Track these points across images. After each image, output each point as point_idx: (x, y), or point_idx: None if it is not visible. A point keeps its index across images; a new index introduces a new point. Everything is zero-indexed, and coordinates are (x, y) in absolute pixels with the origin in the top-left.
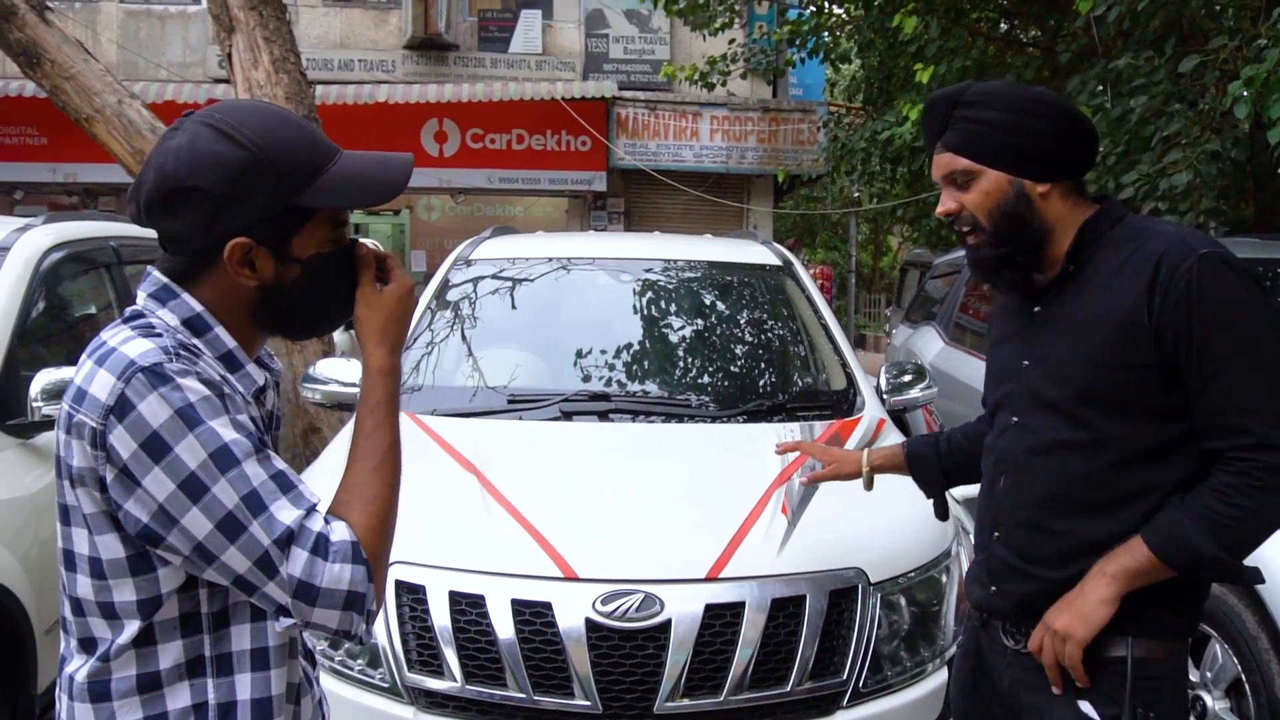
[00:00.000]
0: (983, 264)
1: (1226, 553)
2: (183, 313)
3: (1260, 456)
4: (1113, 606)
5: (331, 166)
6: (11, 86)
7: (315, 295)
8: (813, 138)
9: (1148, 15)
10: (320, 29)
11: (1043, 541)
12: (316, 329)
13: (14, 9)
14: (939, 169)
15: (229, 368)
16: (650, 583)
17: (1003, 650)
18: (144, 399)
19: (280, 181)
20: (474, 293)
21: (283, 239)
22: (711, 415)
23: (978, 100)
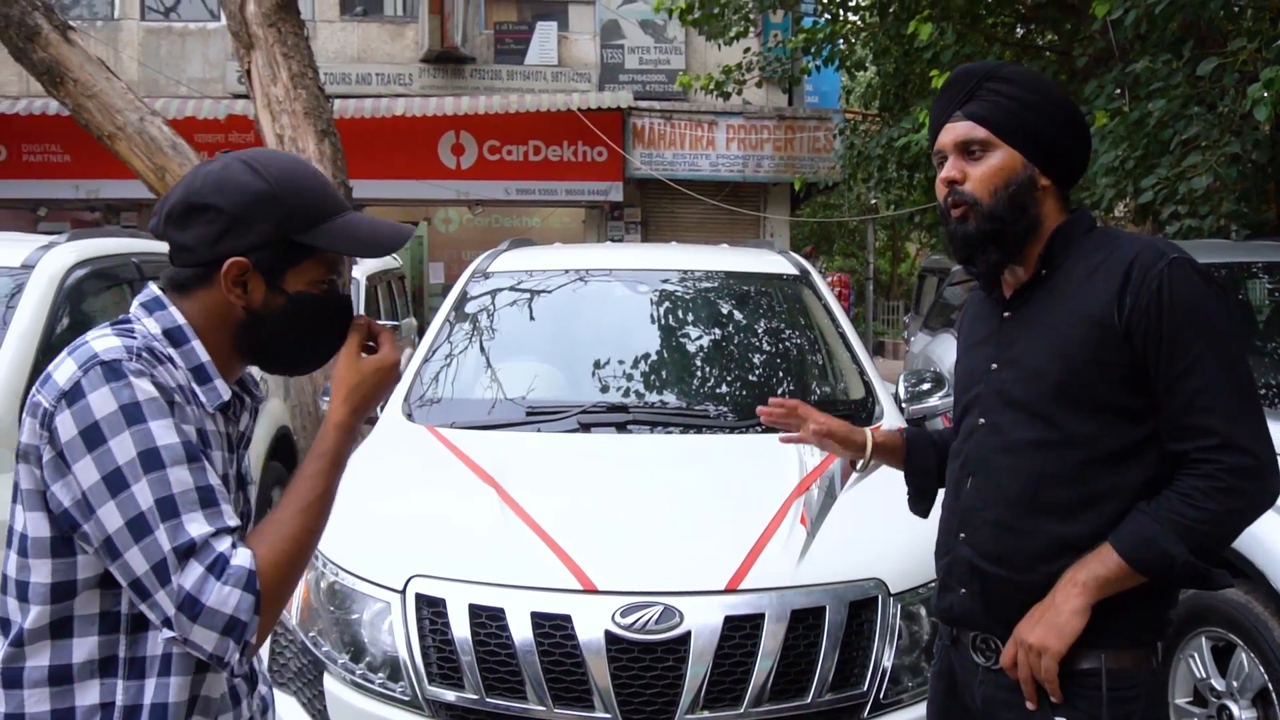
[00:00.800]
0: (969, 239)
1: (1196, 556)
2: (165, 323)
3: (1223, 457)
4: (1085, 616)
5: (338, 217)
6: (35, 105)
7: (294, 330)
8: (829, 145)
9: (1165, 18)
10: (338, 43)
11: (1010, 541)
12: (291, 364)
13: (38, 29)
14: (954, 135)
15: (198, 380)
16: (669, 595)
17: (974, 668)
18: (95, 390)
19: (287, 216)
20: (492, 305)
21: (277, 269)
22: (729, 425)
23: (1012, 78)
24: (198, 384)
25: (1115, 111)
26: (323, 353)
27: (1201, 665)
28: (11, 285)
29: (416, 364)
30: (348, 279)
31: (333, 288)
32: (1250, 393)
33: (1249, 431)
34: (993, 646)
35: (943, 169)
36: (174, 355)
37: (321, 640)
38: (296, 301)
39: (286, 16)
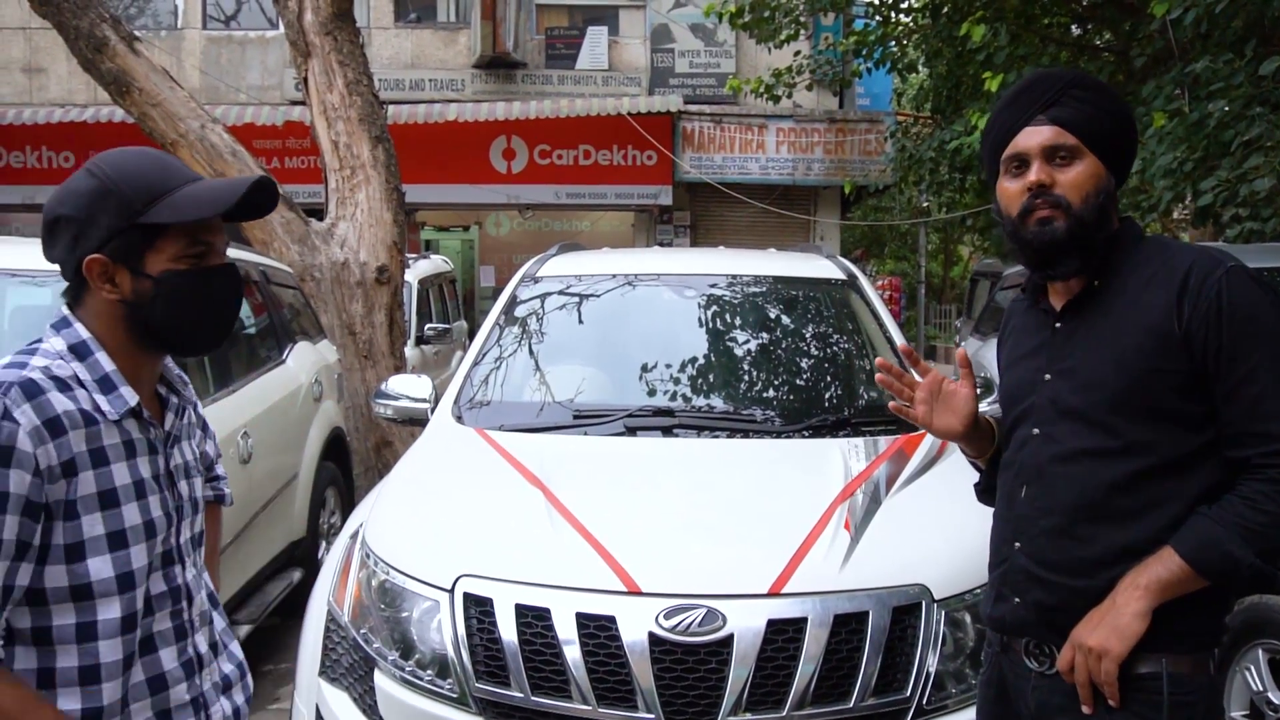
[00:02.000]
0: (1056, 243)
1: (1261, 559)
2: (70, 339)
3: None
4: (1146, 620)
5: (178, 190)
6: (103, 113)
7: (173, 308)
8: (880, 148)
9: (1227, 16)
10: (392, 50)
11: (1067, 548)
12: (190, 342)
13: (105, 40)
14: (1042, 138)
15: (103, 389)
16: (713, 598)
17: (1026, 673)
18: None
19: (124, 202)
20: (541, 309)
21: (135, 256)
22: (775, 430)
23: (1094, 87)
24: (103, 393)
25: (1174, 112)
26: (217, 325)
27: (1258, 678)
28: None
29: (466, 367)
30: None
31: (201, 259)
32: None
33: None
34: (1046, 652)
35: (1017, 173)
36: (78, 370)
37: (372, 637)
38: (163, 281)
39: (342, 25)
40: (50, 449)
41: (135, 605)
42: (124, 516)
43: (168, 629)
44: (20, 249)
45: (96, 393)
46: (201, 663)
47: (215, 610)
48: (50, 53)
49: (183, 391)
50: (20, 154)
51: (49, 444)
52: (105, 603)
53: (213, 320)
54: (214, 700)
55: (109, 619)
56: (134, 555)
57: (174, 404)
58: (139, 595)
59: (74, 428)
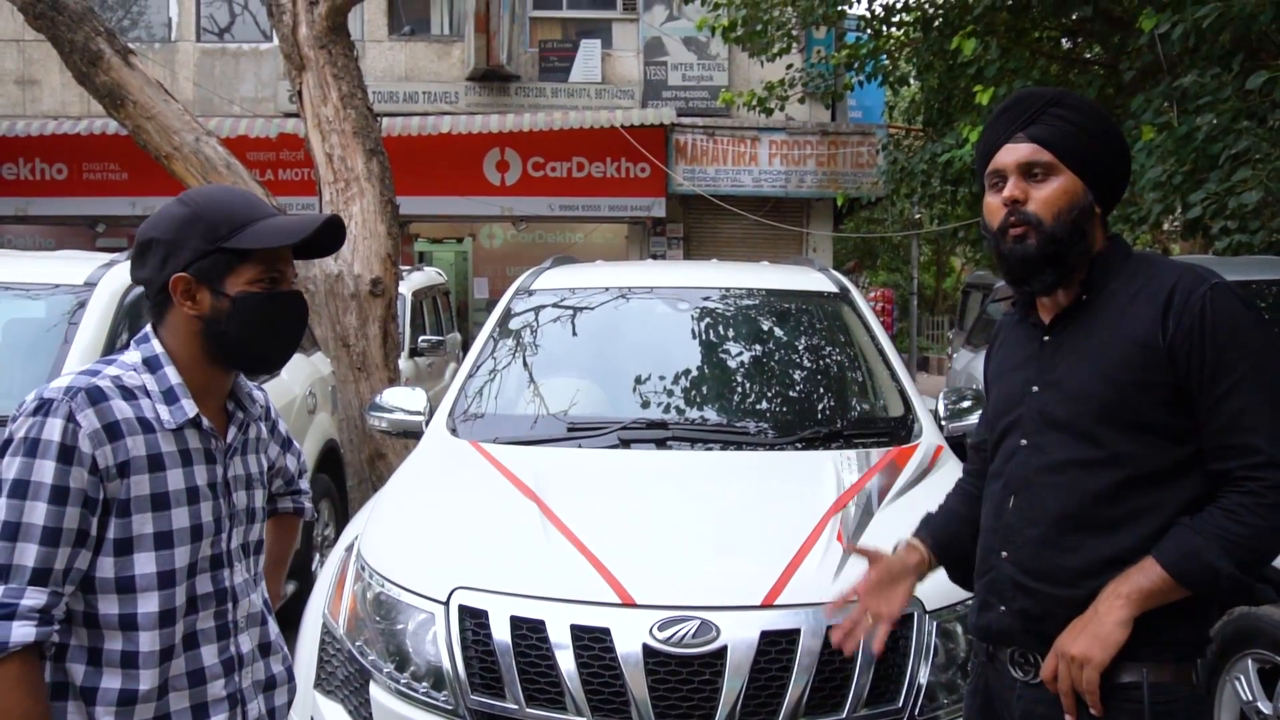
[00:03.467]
0: (1029, 260)
1: (1240, 571)
2: (145, 353)
3: (1268, 474)
4: (1128, 628)
5: (261, 221)
6: (96, 125)
7: (245, 327)
8: (872, 160)
9: (1215, 31)
10: (386, 62)
11: (1053, 557)
12: (259, 360)
13: (101, 54)
14: (1018, 155)
15: (167, 400)
16: (707, 609)
17: (1011, 683)
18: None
19: (211, 228)
20: (535, 322)
21: (217, 277)
22: (768, 443)
23: (1076, 106)
24: (165, 404)
25: (1163, 126)
26: (282, 345)
27: (1248, 688)
28: (74, 302)
29: (461, 380)
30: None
31: (274, 284)
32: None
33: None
34: (1031, 661)
35: (998, 188)
36: (147, 382)
37: (368, 649)
38: (239, 301)
39: (337, 39)
40: (108, 450)
41: (174, 602)
42: (172, 519)
43: (210, 628)
44: (14, 263)
45: (160, 403)
46: (242, 661)
47: (269, 614)
48: (44, 65)
49: (250, 408)
50: (13, 166)
51: (106, 446)
52: (145, 596)
53: (280, 339)
54: (251, 698)
55: (148, 612)
56: (177, 555)
57: (239, 419)
58: (179, 592)
59: (131, 433)
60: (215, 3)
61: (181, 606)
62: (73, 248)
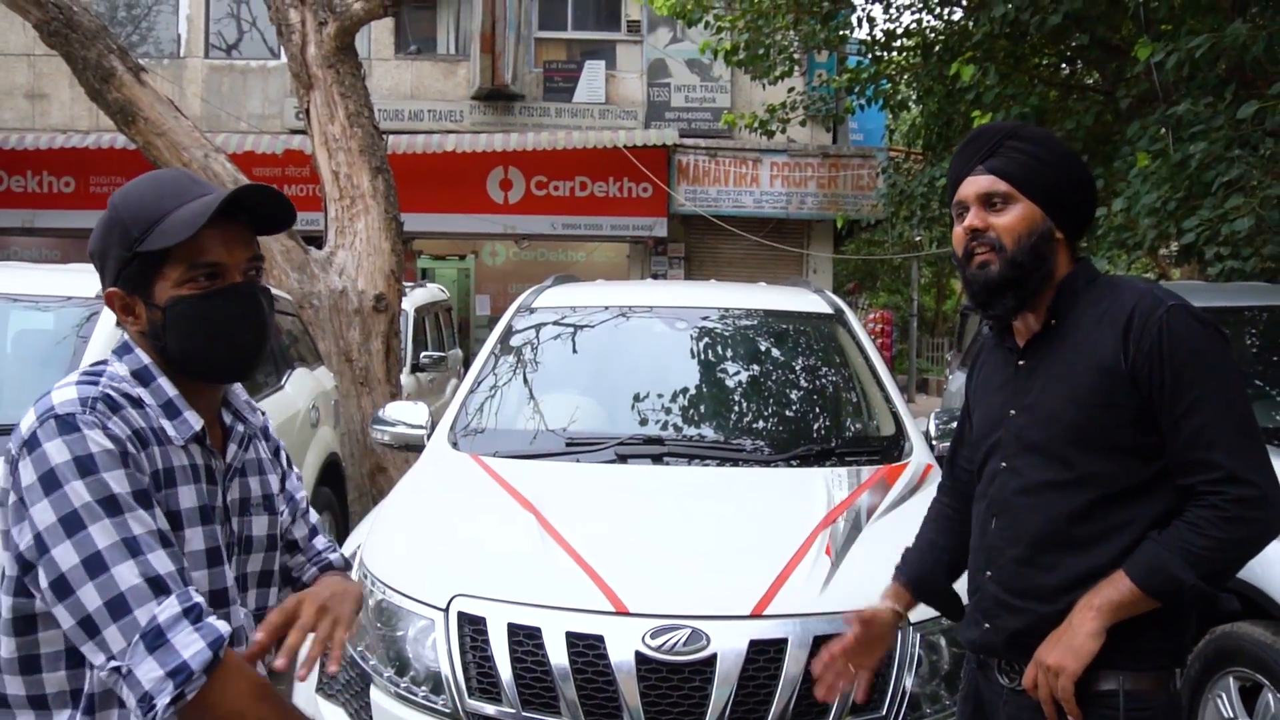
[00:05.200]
0: (990, 284)
1: (1204, 582)
2: (133, 364)
3: (1228, 489)
4: (1100, 639)
5: (174, 212)
6: (104, 139)
7: (186, 335)
8: (872, 183)
9: (1208, 61)
10: (392, 81)
11: (1032, 576)
12: (215, 370)
13: (113, 71)
14: (977, 187)
15: (168, 414)
16: (697, 618)
17: (999, 690)
18: (50, 440)
19: (126, 231)
20: (535, 339)
21: (144, 285)
22: (761, 460)
23: (1032, 139)
24: (168, 419)
25: (1158, 153)
26: (237, 349)
27: (1229, 705)
28: (85, 314)
29: (462, 395)
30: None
31: (211, 282)
32: (1251, 428)
33: (1251, 464)
34: (1016, 669)
35: (963, 218)
36: (143, 395)
37: (369, 655)
38: (170, 310)
39: (345, 58)
40: (143, 459)
41: None
42: (187, 539)
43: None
44: (23, 274)
45: (161, 417)
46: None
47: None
48: (53, 79)
49: (250, 418)
50: (21, 178)
51: (141, 453)
52: None
53: (231, 343)
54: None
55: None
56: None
57: (238, 433)
58: None
59: (147, 445)
60: (224, 20)
61: None
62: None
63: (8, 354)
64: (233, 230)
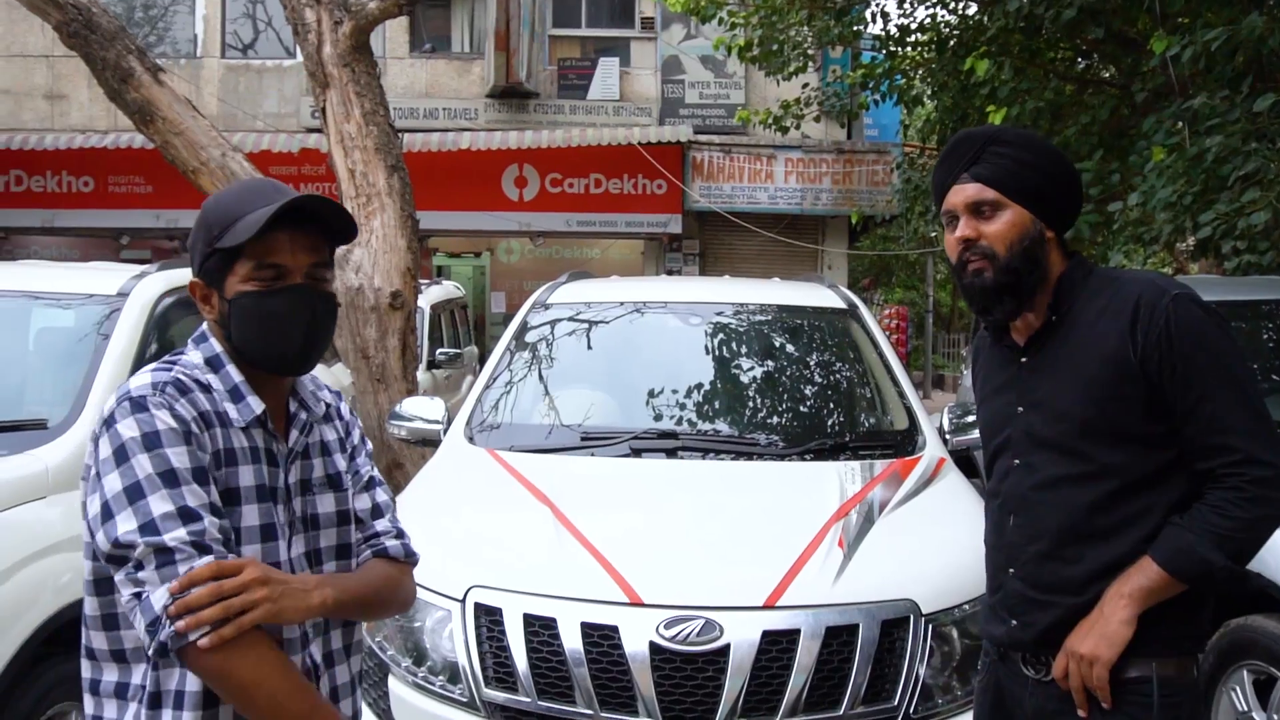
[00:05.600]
0: (986, 290)
1: (1232, 561)
2: (206, 353)
3: (1247, 470)
4: (1133, 626)
5: (251, 213)
6: (122, 139)
7: (247, 328)
8: (887, 178)
9: (1224, 54)
10: (407, 79)
11: (1057, 570)
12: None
13: (132, 71)
14: (965, 196)
15: (233, 399)
16: (711, 609)
17: (1024, 680)
18: (123, 420)
19: (208, 229)
20: (550, 335)
21: (219, 280)
22: (775, 454)
23: (1014, 142)
24: (233, 402)
25: (1174, 147)
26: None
27: (1243, 698)
28: (107, 311)
29: (478, 390)
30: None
31: (274, 282)
32: (1262, 410)
33: (1266, 444)
34: (1043, 660)
35: (953, 228)
36: (213, 380)
37: (387, 645)
38: (235, 303)
39: (360, 57)
40: (206, 439)
41: None
42: (243, 515)
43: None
44: (45, 272)
45: (226, 401)
46: (318, 670)
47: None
48: (72, 80)
49: (313, 408)
50: (41, 178)
51: (205, 434)
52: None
53: (286, 338)
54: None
55: None
56: (243, 554)
57: (300, 420)
58: None
59: (211, 426)
60: (240, 20)
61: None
62: (97, 259)
63: (30, 351)
64: (300, 236)
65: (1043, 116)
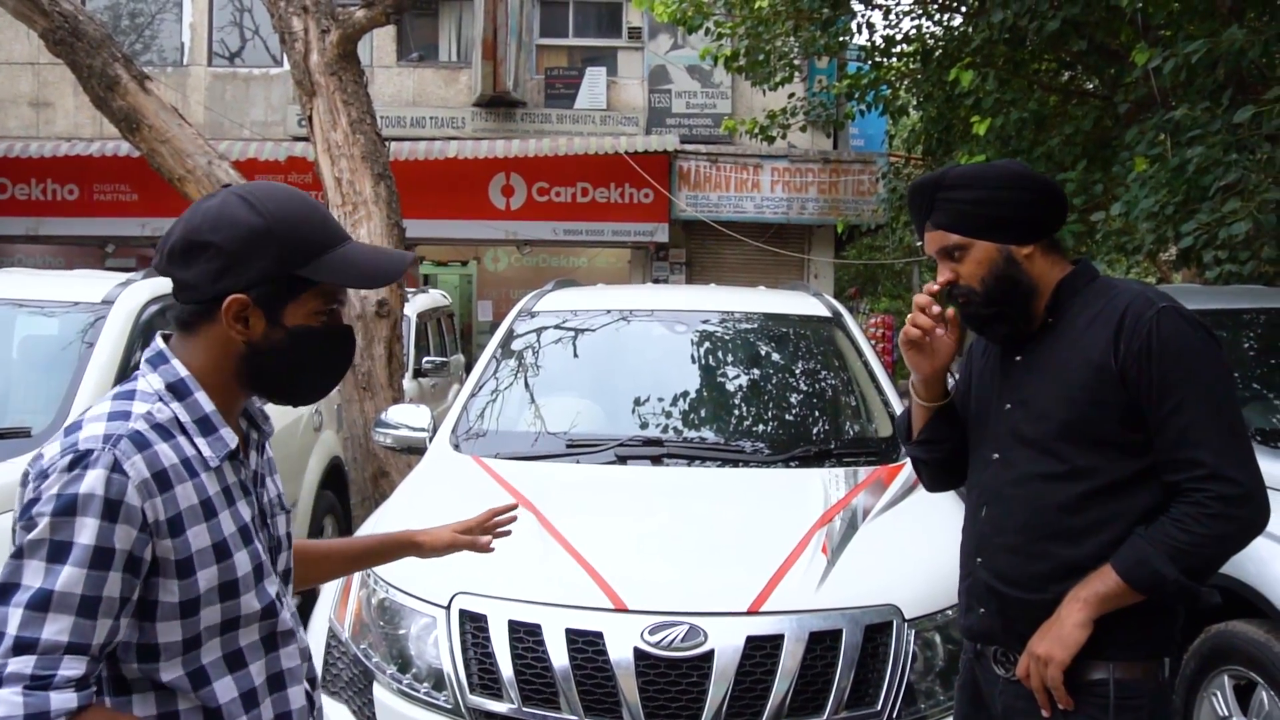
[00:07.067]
0: (976, 320)
1: (1187, 576)
2: (168, 377)
3: (1211, 486)
4: (1087, 630)
5: (338, 248)
6: (108, 146)
7: (294, 362)
8: (873, 188)
9: (1205, 66)
10: (394, 88)
11: (1021, 564)
12: (293, 395)
13: (118, 79)
14: (932, 245)
15: (203, 431)
16: (695, 615)
17: (995, 679)
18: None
19: (285, 251)
20: (537, 343)
21: (277, 304)
22: (760, 461)
23: (958, 183)
24: (203, 435)
25: (1156, 158)
26: (324, 383)
27: (1224, 703)
28: (92, 319)
29: (464, 398)
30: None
31: (333, 318)
32: (1236, 427)
33: (1235, 462)
34: (1011, 659)
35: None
36: (177, 412)
37: (372, 652)
38: (296, 335)
39: (347, 65)
40: (158, 503)
41: (237, 643)
42: (236, 566)
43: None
44: (30, 280)
45: (197, 435)
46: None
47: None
48: (57, 87)
49: (264, 426)
50: (25, 186)
51: (157, 498)
52: (209, 647)
53: (326, 378)
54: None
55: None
56: (244, 603)
57: (254, 439)
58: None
59: (179, 481)
60: (227, 28)
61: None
62: (82, 267)
63: (14, 359)
64: None
65: (1026, 127)
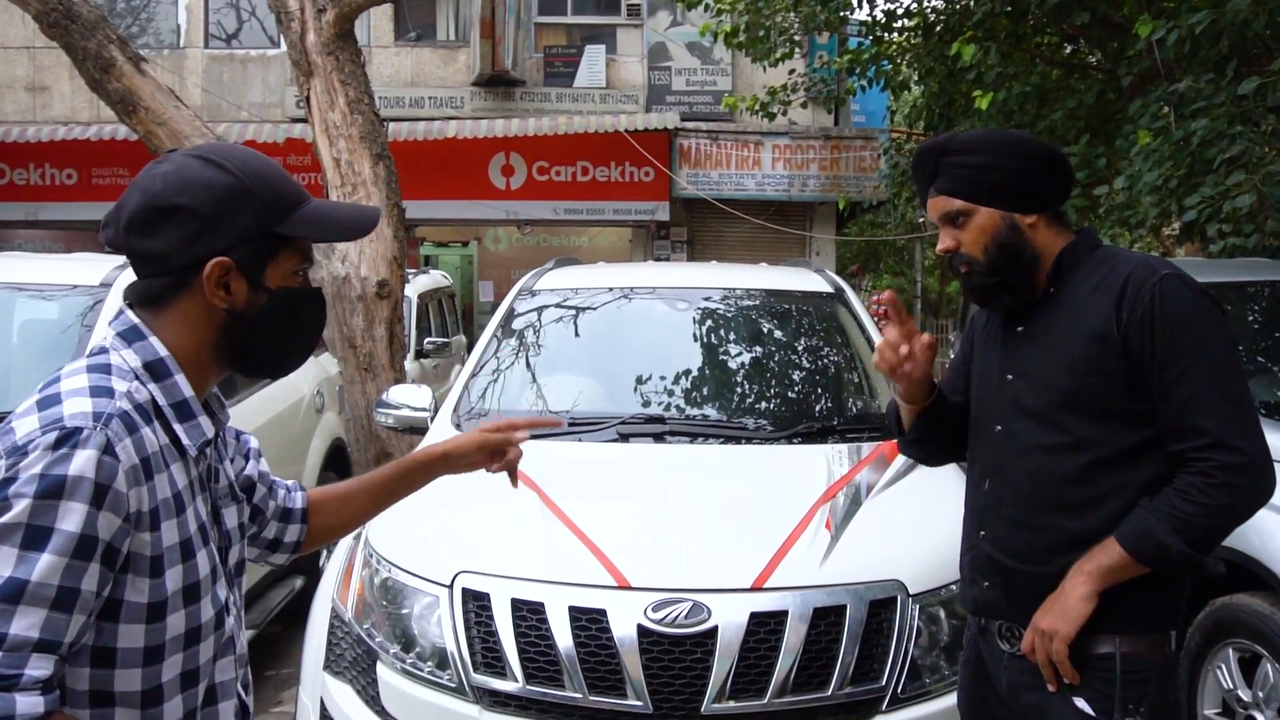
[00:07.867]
0: (978, 291)
1: (1191, 547)
2: (146, 355)
3: (1215, 455)
4: (1092, 603)
5: (307, 204)
6: (105, 130)
7: (277, 326)
8: (874, 164)
9: (1209, 38)
10: (392, 68)
11: (1025, 537)
12: (275, 364)
13: (113, 61)
14: (935, 210)
15: (180, 416)
16: (698, 592)
17: (1000, 654)
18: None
19: (264, 207)
20: (538, 321)
21: (258, 265)
22: (762, 437)
23: (964, 147)
24: (179, 421)
25: (1160, 131)
26: (304, 348)
27: (1229, 676)
28: (90, 302)
29: (465, 377)
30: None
31: (306, 278)
32: (1241, 396)
33: (1239, 431)
34: (1015, 634)
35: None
36: (154, 393)
37: (375, 632)
38: (278, 297)
39: (344, 45)
40: (143, 492)
41: (197, 660)
42: (199, 567)
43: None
44: (30, 263)
45: (175, 421)
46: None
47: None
48: (54, 71)
49: (219, 413)
50: (23, 171)
51: (142, 487)
52: (170, 662)
53: (305, 341)
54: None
55: (171, 678)
56: (204, 608)
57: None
58: (202, 650)
59: (158, 471)
60: (223, 9)
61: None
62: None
63: (13, 343)
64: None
65: (1029, 101)
